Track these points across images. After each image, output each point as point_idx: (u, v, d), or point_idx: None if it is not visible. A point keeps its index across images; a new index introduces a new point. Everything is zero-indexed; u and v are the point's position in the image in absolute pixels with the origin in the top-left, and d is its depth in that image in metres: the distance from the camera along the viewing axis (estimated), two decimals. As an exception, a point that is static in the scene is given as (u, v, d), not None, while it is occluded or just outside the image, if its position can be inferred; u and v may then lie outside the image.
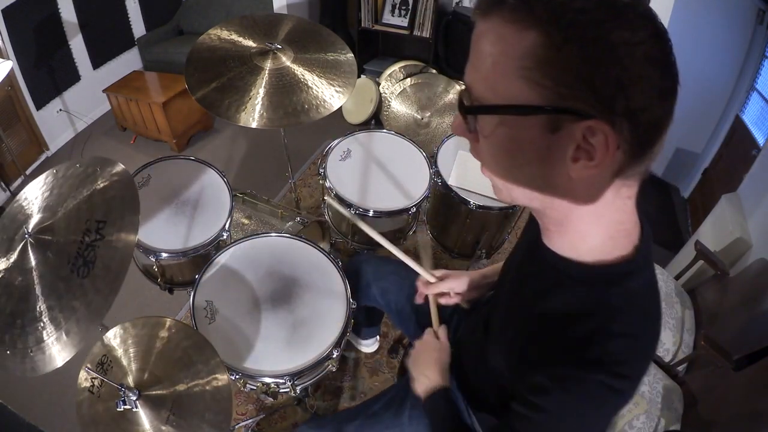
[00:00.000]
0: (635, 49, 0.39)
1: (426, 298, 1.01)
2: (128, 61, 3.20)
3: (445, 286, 0.97)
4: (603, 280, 0.53)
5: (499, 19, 0.43)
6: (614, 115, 0.40)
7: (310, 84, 1.38)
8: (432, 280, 0.98)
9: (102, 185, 0.89)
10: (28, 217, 0.91)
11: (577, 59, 0.39)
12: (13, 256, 0.85)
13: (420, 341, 0.94)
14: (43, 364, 0.78)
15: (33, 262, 0.84)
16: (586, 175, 0.45)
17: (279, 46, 1.41)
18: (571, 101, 0.41)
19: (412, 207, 1.50)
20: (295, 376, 1.07)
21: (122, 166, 0.92)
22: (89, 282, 0.80)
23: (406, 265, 1.01)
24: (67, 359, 0.77)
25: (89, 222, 0.84)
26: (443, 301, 0.99)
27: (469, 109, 0.48)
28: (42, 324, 0.79)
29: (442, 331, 0.95)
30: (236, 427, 1.52)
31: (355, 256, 1.36)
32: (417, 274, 1.00)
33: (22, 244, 0.86)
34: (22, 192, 0.95)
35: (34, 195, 0.94)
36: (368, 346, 1.75)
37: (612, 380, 0.51)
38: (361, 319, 1.49)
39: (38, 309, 0.80)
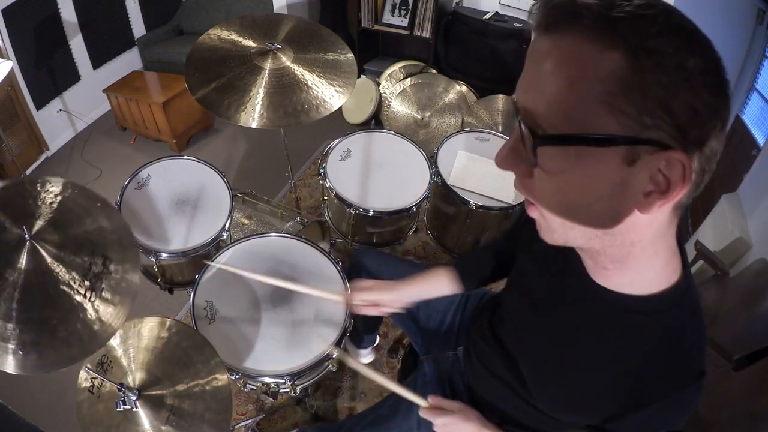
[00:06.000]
0: (708, 78, 0.37)
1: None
2: (128, 61, 3.20)
3: (370, 296, 0.94)
4: (668, 305, 0.54)
5: (574, 36, 0.39)
6: (688, 144, 0.38)
7: (310, 84, 1.38)
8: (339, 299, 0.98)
9: (107, 225, 0.88)
10: (33, 213, 0.85)
11: (660, 86, 0.36)
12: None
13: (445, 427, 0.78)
14: (31, 366, 0.76)
15: (23, 265, 0.79)
16: (654, 209, 0.42)
17: (279, 46, 1.41)
18: (653, 131, 0.38)
19: (412, 207, 1.50)
20: (295, 376, 1.07)
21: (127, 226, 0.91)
22: (93, 307, 0.80)
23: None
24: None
25: (95, 253, 0.84)
26: (370, 311, 0.96)
27: (545, 139, 0.41)
28: (34, 328, 0.77)
29: (447, 404, 0.79)
30: (236, 427, 1.52)
31: (356, 251, 1.36)
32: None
33: (17, 242, 0.81)
34: (47, 184, 0.89)
35: (49, 198, 0.89)
36: (365, 356, 1.69)
37: (700, 381, 0.55)
38: (360, 323, 1.47)
39: (19, 310, 0.76)
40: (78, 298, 0.79)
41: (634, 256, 0.50)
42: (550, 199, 0.46)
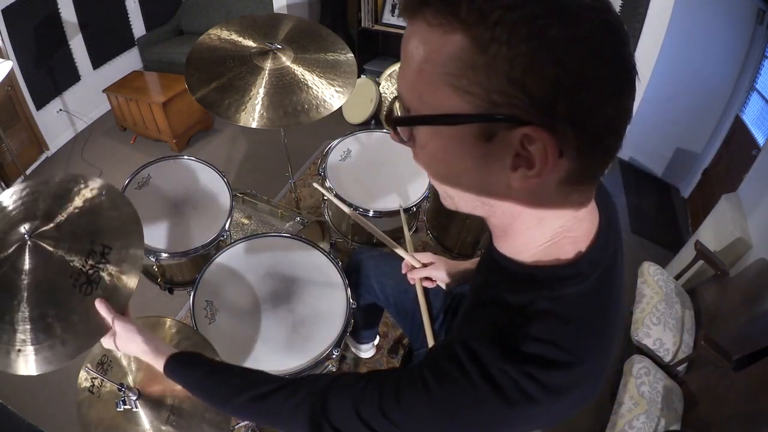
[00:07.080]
0: (577, 46, 0.35)
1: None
2: (128, 61, 3.20)
3: (427, 272, 0.99)
4: (535, 281, 0.50)
5: (423, 22, 0.39)
6: (554, 120, 0.37)
7: (310, 84, 1.38)
8: (417, 265, 1.01)
9: (109, 212, 0.87)
10: (27, 213, 0.85)
11: (506, 61, 0.35)
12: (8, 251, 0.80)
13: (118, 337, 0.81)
14: (32, 365, 0.75)
15: (27, 265, 0.79)
16: (527, 185, 0.42)
17: (279, 46, 1.41)
18: (505, 108, 0.37)
19: (412, 207, 1.50)
20: (295, 376, 1.07)
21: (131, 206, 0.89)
22: (90, 300, 0.79)
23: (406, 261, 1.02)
24: (59, 367, 0.75)
25: (94, 243, 0.82)
26: (425, 284, 1.02)
27: (395, 120, 0.45)
28: (32, 327, 0.76)
29: (103, 309, 0.80)
30: (236, 427, 1.52)
31: (355, 251, 1.37)
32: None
33: (18, 244, 0.81)
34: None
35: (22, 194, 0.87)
36: (366, 351, 1.72)
37: (520, 378, 0.45)
38: (360, 320, 1.48)
39: (24, 311, 0.76)
40: (78, 294, 0.79)
41: (515, 228, 0.50)
42: (427, 169, 0.49)
